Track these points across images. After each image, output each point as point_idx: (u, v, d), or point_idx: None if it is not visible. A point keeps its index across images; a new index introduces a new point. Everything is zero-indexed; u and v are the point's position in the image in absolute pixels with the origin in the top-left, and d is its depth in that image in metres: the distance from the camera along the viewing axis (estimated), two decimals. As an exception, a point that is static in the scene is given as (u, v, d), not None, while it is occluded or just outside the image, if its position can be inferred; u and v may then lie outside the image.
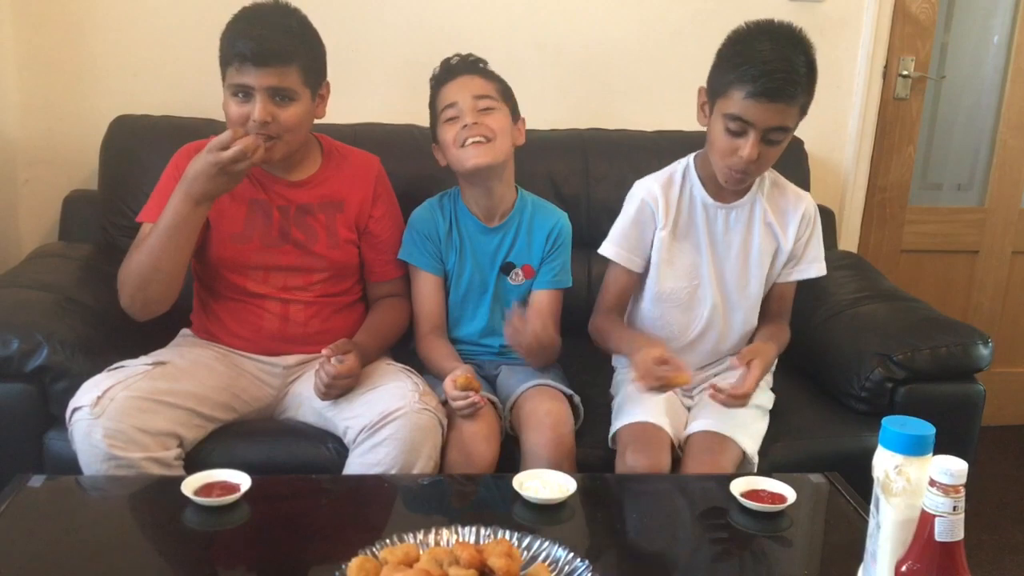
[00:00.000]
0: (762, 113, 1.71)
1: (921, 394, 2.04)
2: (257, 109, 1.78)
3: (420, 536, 1.28)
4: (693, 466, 1.77)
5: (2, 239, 2.49)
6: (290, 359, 1.97)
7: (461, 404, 1.80)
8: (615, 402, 1.99)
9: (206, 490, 1.45)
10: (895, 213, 3.05)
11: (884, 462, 1.11)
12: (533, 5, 2.63)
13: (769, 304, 2.02)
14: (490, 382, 2.02)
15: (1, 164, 2.47)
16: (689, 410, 1.96)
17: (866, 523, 1.17)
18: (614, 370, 2.12)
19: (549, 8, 2.64)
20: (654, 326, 1.99)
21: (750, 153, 1.73)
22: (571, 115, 2.26)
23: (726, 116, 1.74)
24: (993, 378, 2.17)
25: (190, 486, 1.45)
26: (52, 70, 2.49)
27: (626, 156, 2.50)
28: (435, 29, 2.59)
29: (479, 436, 1.81)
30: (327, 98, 1.95)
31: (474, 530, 1.31)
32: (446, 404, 1.84)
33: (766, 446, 1.87)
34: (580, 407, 1.95)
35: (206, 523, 1.43)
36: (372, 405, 1.76)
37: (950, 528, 1.01)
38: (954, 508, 1.01)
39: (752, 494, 1.52)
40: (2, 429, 1.81)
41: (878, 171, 2.97)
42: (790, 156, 2.04)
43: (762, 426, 1.90)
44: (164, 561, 1.37)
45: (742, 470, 1.76)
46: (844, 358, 2.12)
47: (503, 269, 2.07)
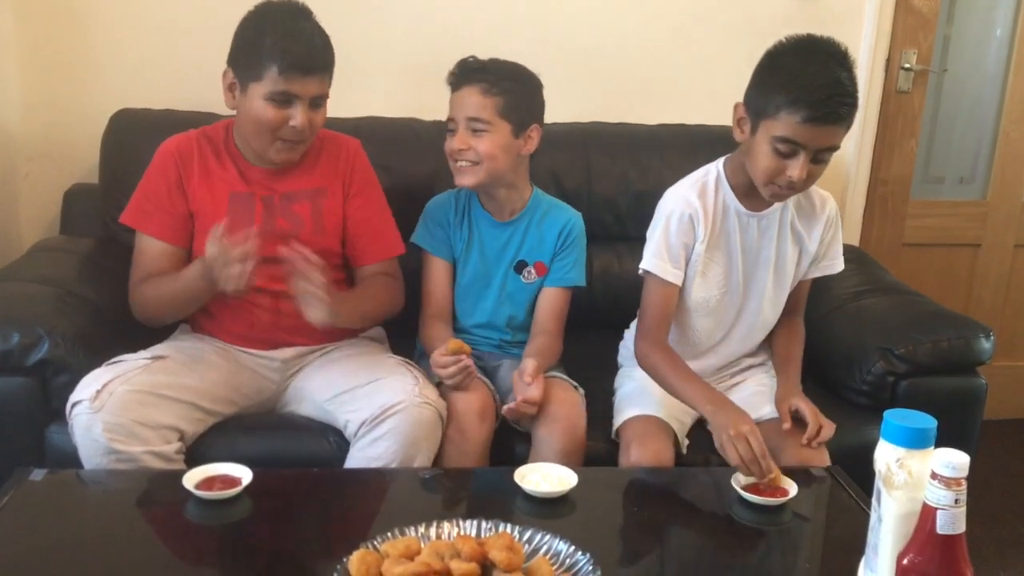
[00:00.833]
0: (816, 136, 1.66)
1: (923, 388, 2.04)
2: (300, 117, 1.81)
3: (421, 529, 1.28)
4: (790, 451, 1.77)
5: (3, 233, 2.48)
6: (288, 352, 1.97)
7: (452, 369, 1.80)
8: (617, 396, 1.98)
9: (207, 484, 1.45)
10: (897, 207, 3.04)
11: (886, 455, 1.11)
12: (535, 1, 2.62)
13: (787, 300, 1.99)
14: (490, 374, 2.01)
15: (2, 158, 2.47)
16: None
17: (868, 516, 1.17)
18: (619, 366, 2.12)
19: (551, 4, 2.63)
20: (679, 331, 1.95)
21: (800, 174, 1.68)
22: (573, 109, 2.25)
23: (776, 138, 1.68)
24: (995, 371, 2.16)
25: (191, 480, 1.45)
26: (53, 64, 2.48)
27: (627, 150, 2.50)
28: (438, 24, 2.59)
29: (471, 412, 1.81)
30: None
31: (475, 523, 1.31)
32: (440, 385, 1.84)
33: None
34: (584, 399, 1.94)
35: (207, 517, 1.44)
36: (372, 399, 1.76)
37: (952, 521, 1.01)
38: (956, 501, 1.01)
39: (754, 487, 1.52)
40: (3, 423, 1.81)
41: (880, 164, 2.97)
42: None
43: None
44: (165, 554, 1.37)
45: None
46: (846, 352, 2.12)
47: (516, 267, 2.06)
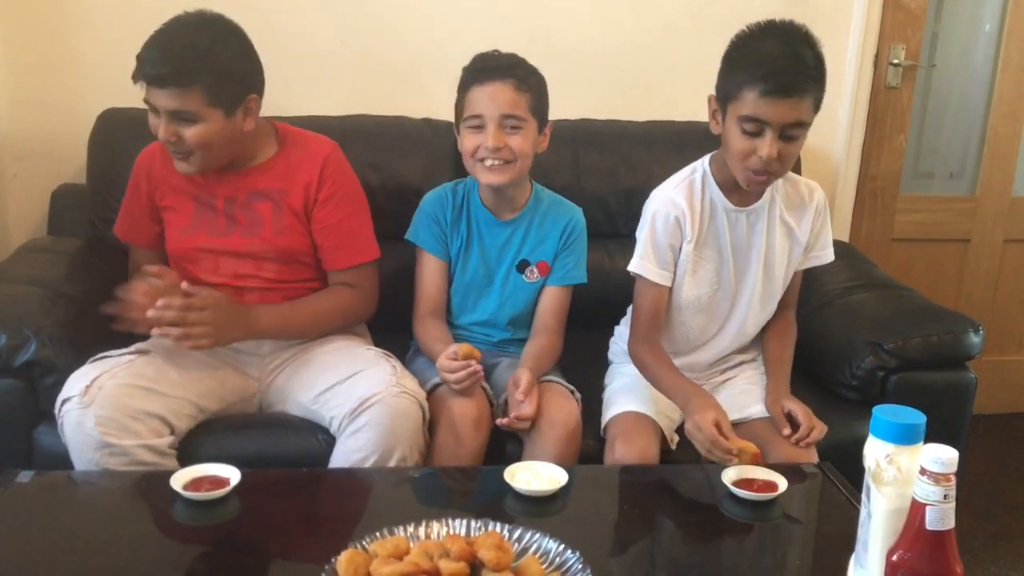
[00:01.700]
0: (777, 110, 1.67)
1: (912, 382, 2.04)
2: (161, 129, 1.81)
3: (410, 529, 1.28)
4: (779, 449, 1.77)
5: (-10, 234, 2.48)
6: (264, 347, 1.96)
7: (461, 375, 1.79)
8: (607, 392, 1.98)
9: (195, 484, 1.45)
10: (886, 202, 3.05)
11: (875, 451, 1.11)
12: (524, -3, 2.62)
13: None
14: (487, 371, 1.99)
15: (-11, 158, 2.46)
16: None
17: (858, 512, 1.17)
18: (610, 363, 2.11)
19: (541, 1, 2.63)
20: (671, 328, 1.95)
21: (769, 152, 1.68)
22: (562, 106, 2.25)
23: (741, 118, 1.70)
24: (984, 366, 2.17)
25: (179, 480, 1.45)
26: (40, 64, 2.47)
27: (616, 147, 2.50)
28: (426, 22, 2.58)
29: (468, 418, 1.80)
30: (256, 110, 1.88)
31: (465, 522, 1.30)
32: (439, 387, 1.84)
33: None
34: (579, 403, 1.92)
35: (196, 517, 1.43)
36: (351, 392, 1.78)
37: (941, 517, 1.01)
38: (945, 496, 1.01)
39: (744, 483, 1.52)
40: (-9, 425, 1.80)
41: (869, 160, 2.97)
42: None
43: None
44: (154, 556, 1.36)
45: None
46: (835, 347, 2.12)
47: (518, 267, 2.05)
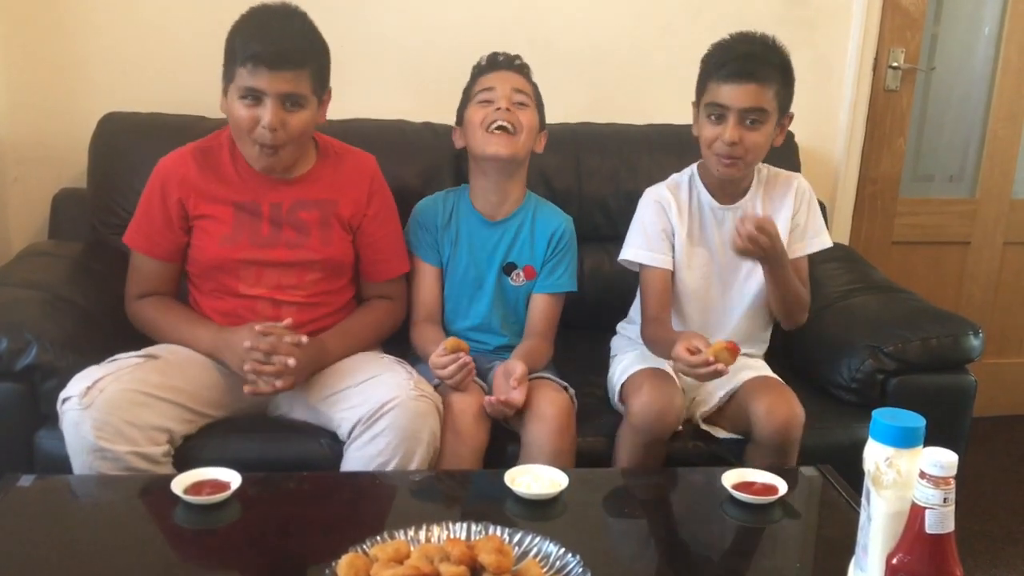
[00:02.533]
0: (736, 95, 1.83)
1: (912, 385, 2.04)
2: (268, 115, 1.76)
3: (411, 533, 1.28)
4: (763, 404, 1.79)
5: (-9, 238, 2.48)
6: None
7: (452, 368, 1.81)
8: (620, 365, 1.99)
9: (196, 488, 1.45)
10: (886, 205, 3.05)
11: (874, 454, 1.11)
12: (524, 1, 2.62)
13: None
14: (482, 377, 2.01)
15: (-10, 162, 2.46)
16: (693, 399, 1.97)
17: (858, 515, 1.17)
18: (612, 355, 2.12)
19: (540, 4, 2.63)
20: (677, 319, 2.01)
21: (732, 135, 1.83)
22: (562, 110, 2.26)
23: (706, 107, 1.88)
24: (984, 369, 2.17)
25: (180, 484, 1.45)
26: (40, 68, 2.47)
27: (617, 150, 2.50)
28: (427, 26, 2.58)
29: (468, 414, 1.81)
30: (327, 104, 1.92)
31: (465, 526, 1.30)
32: (438, 387, 1.84)
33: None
34: (575, 400, 1.94)
35: (196, 522, 1.43)
36: (367, 397, 1.76)
37: (940, 520, 1.01)
38: (944, 500, 1.01)
39: (744, 486, 1.52)
40: (-8, 428, 1.80)
41: (869, 163, 2.97)
42: (781, 148, 2.05)
43: None
44: (155, 560, 1.36)
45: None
46: (835, 350, 2.12)
47: (505, 270, 2.06)
